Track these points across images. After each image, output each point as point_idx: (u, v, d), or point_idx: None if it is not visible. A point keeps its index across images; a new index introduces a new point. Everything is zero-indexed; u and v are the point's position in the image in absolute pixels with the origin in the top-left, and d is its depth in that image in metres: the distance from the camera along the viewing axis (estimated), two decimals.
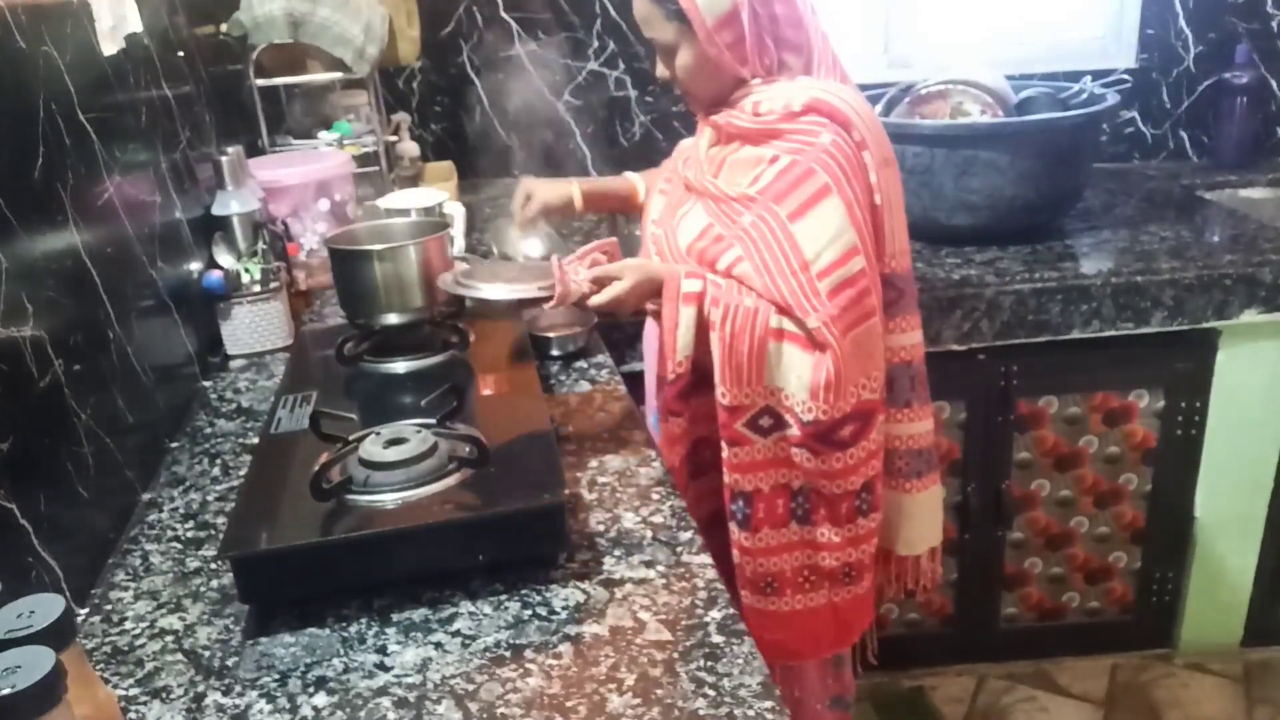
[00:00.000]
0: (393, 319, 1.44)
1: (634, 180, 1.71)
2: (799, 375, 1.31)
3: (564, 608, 1.00)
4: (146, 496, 1.26)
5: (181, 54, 1.69)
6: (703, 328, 1.33)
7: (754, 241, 1.30)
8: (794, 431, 1.35)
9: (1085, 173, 2.18)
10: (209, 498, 1.25)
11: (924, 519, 1.51)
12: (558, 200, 1.62)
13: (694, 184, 1.44)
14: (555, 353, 1.56)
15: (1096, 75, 2.36)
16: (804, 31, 1.35)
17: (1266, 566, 2.18)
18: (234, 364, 1.65)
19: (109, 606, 1.05)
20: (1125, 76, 2.60)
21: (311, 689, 0.91)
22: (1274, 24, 2.57)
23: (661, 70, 1.40)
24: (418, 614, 1.00)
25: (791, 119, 1.30)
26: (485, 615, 1.00)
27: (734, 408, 1.34)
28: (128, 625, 1.02)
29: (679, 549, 1.09)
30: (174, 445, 1.39)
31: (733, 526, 1.41)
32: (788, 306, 1.29)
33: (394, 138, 2.32)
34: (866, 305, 1.31)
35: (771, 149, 1.31)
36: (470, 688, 0.90)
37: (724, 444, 1.36)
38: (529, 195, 1.62)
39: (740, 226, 1.32)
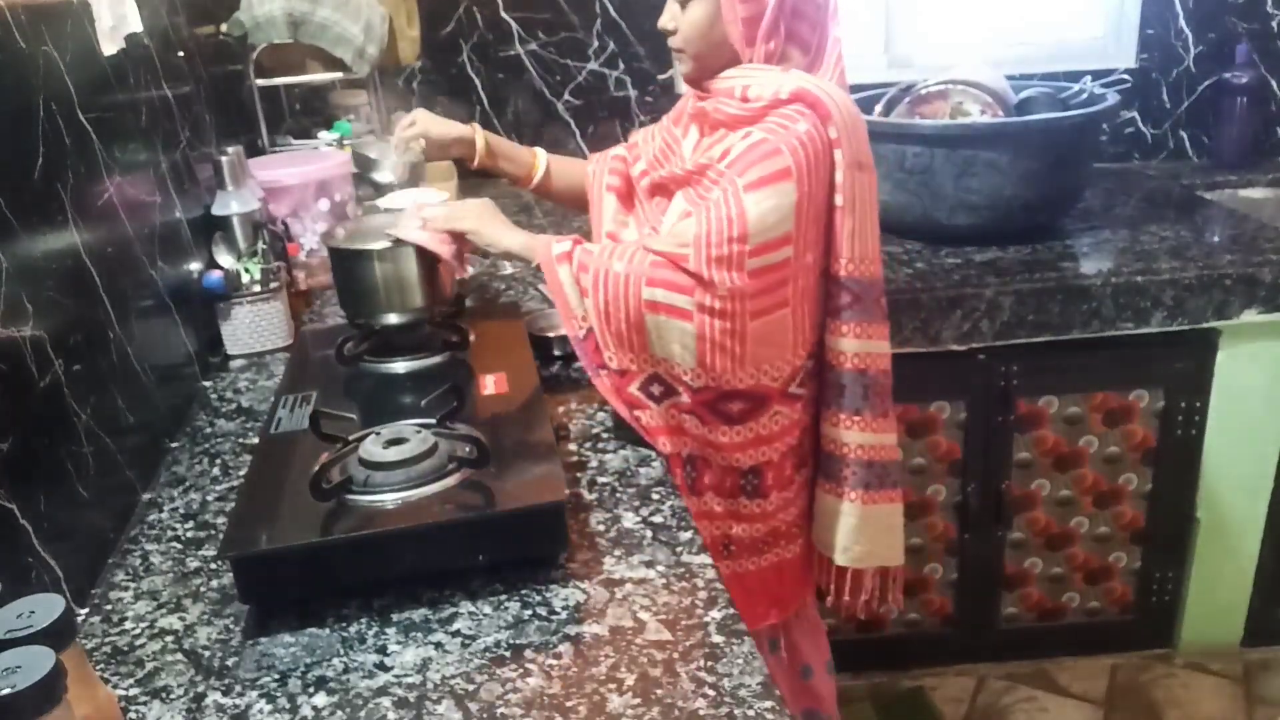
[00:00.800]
0: (393, 319, 1.44)
1: (539, 157, 1.66)
2: (683, 345, 1.29)
3: (564, 608, 1.00)
4: (146, 496, 1.26)
5: (181, 54, 1.69)
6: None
7: (707, 201, 1.28)
8: (684, 399, 1.33)
9: (1085, 173, 2.18)
10: (209, 498, 1.25)
11: (871, 533, 1.42)
12: (446, 135, 1.58)
13: (667, 179, 1.43)
14: (557, 353, 1.54)
15: (1096, 75, 2.36)
16: (818, 32, 1.34)
17: (1266, 566, 2.18)
18: (234, 364, 1.65)
19: (109, 606, 1.05)
20: (1125, 76, 2.60)
21: (311, 689, 0.91)
22: (1274, 24, 2.57)
23: (667, 18, 1.36)
24: (418, 614, 1.00)
25: (777, 106, 1.29)
26: (485, 615, 1.00)
27: (622, 372, 1.32)
28: (128, 625, 1.02)
29: (679, 549, 1.09)
30: (174, 445, 1.39)
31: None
32: (699, 270, 1.26)
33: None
34: (780, 295, 1.30)
35: (749, 129, 1.30)
36: (470, 688, 0.90)
37: (624, 407, 1.33)
38: (414, 120, 1.58)
39: (708, 200, 1.29)
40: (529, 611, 1.00)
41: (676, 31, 1.35)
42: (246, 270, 1.63)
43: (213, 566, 1.11)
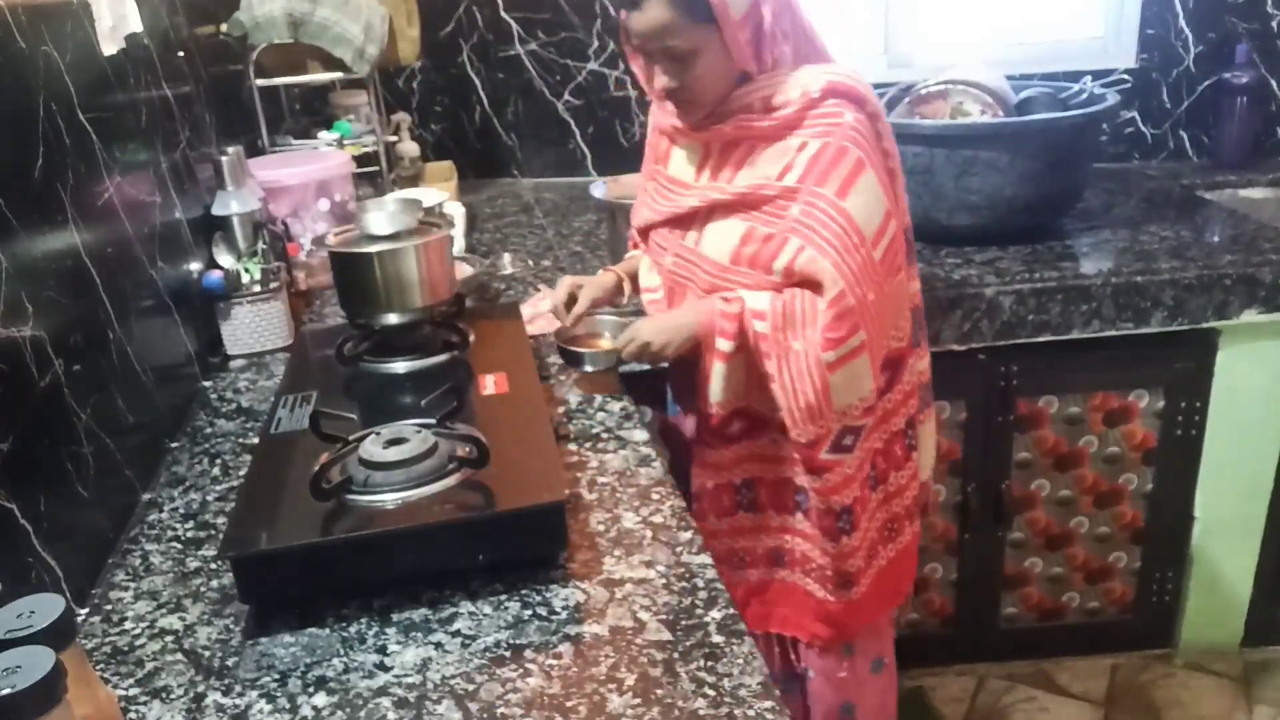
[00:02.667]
0: (393, 319, 1.44)
1: (625, 281, 1.60)
2: (864, 376, 1.32)
3: (564, 608, 1.00)
4: (146, 496, 1.26)
5: (181, 54, 1.69)
6: (735, 373, 1.35)
7: (810, 228, 1.28)
8: (868, 429, 1.39)
9: (1085, 173, 2.18)
10: (209, 498, 1.25)
11: (927, 448, 1.59)
12: (604, 293, 1.54)
13: (701, 207, 1.38)
14: (588, 368, 1.49)
15: (1096, 75, 2.36)
16: (797, 21, 1.34)
17: (1266, 566, 2.18)
18: (234, 364, 1.65)
19: (109, 606, 1.05)
20: (1125, 76, 2.60)
21: (311, 689, 0.91)
22: (1274, 24, 2.57)
23: (665, 82, 1.30)
24: (418, 614, 1.00)
25: (813, 105, 1.28)
26: (485, 615, 1.00)
27: (813, 443, 1.35)
28: (128, 625, 1.02)
29: (679, 549, 1.09)
30: (174, 445, 1.39)
31: (835, 540, 1.42)
32: (853, 279, 1.28)
33: (394, 138, 2.32)
34: (897, 261, 1.37)
35: (797, 138, 1.29)
36: (470, 688, 0.90)
37: (809, 475, 1.38)
38: (573, 293, 1.50)
39: (790, 219, 1.29)
40: (529, 611, 1.00)
41: (677, 87, 1.30)
42: (246, 270, 1.63)
43: (213, 566, 1.11)
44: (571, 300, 1.49)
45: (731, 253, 1.34)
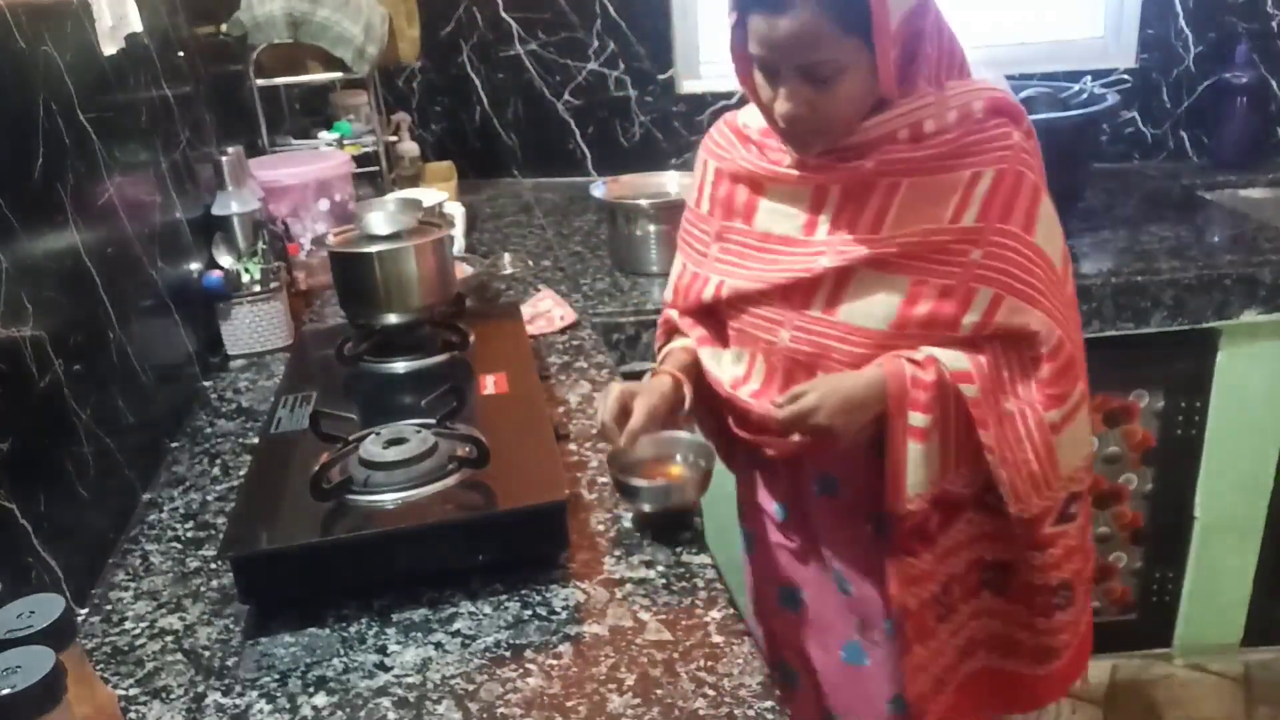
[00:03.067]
0: (393, 319, 1.44)
1: (684, 385, 1.23)
2: (1087, 441, 1.18)
3: (564, 608, 1.00)
4: (146, 496, 1.26)
5: (181, 54, 1.69)
6: (934, 453, 1.13)
7: (1003, 274, 1.08)
8: (1085, 493, 1.22)
9: (1085, 173, 2.17)
10: (209, 498, 1.25)
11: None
12: (663, 401, 1.17)
13: (845, 257, 1.11)
14: (646, 507, 1.15)
15: (1096, 75, 2.36)
16: (946, 28, 1.12)
17: (1266, 566, 2.18)
18: (234, 364, 1.65)
19: (109, 606, 1.05)
20: (1125, 76, 2.60)
21: (311, 689, 0.91)
22: (1274, 24, 2.56)
23: (793, 109, 1.05)
24: (418, 614, 1.00)
25: (979, 128, 1.09)
26: (485, 615, 1.00)
27: (1037, 517, 1.16)
28: (128, 625, 1.02)
29: (679, 549, 1.09)
30: (174, 445, 1.39)
31: (1053, 616, 1.23)
32: (1065, 325, 1.12)
33: (394, 138, 2.32)
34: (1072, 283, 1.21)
35: (966, 169, 1.07)
36: (470, 688, 0.90)
37: (1032, 552, 1.18)
38: (624, 405, 1.14)
39: (972, 266, 1.07)
40: (529, 611, 1.00)
41: (808, 114, 1.06)
42: (246, 270, 1.63)
43: (213, 566, 1.10)
44: (624, 414, 1.13)
45: (896, 317, 1.10)
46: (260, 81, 2.07)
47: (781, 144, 1.14)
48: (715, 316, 1.27)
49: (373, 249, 1.41)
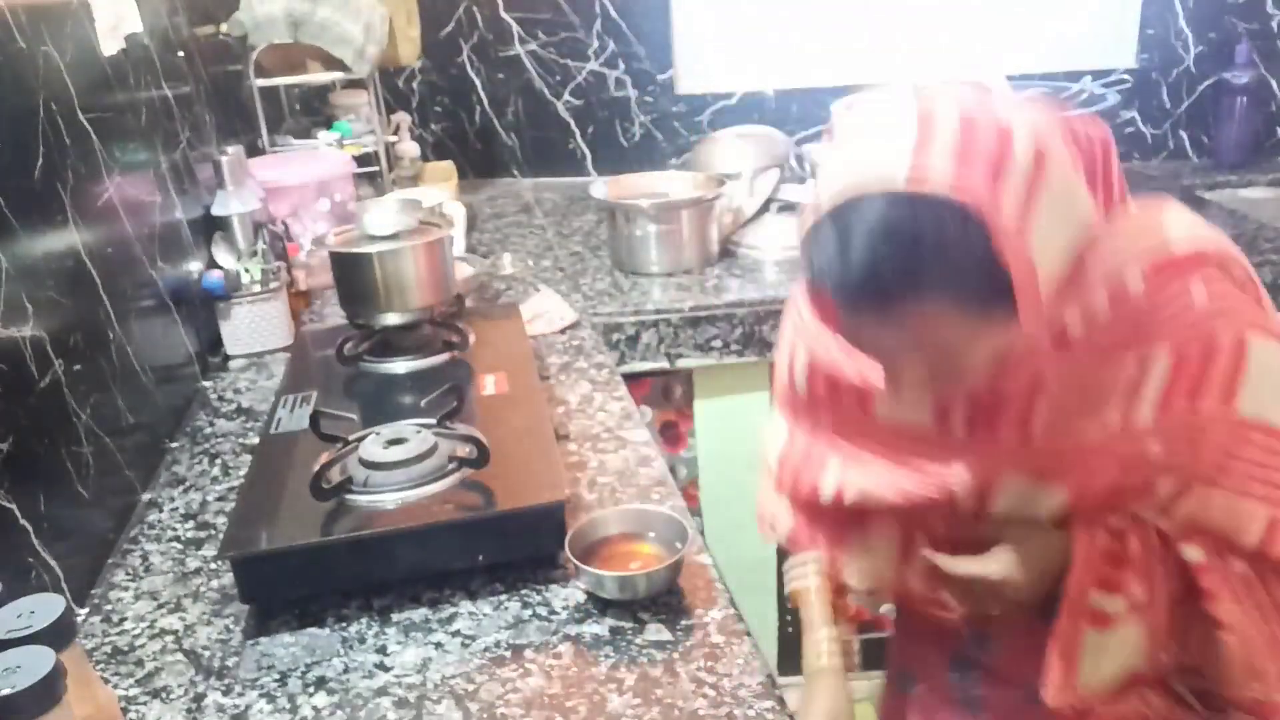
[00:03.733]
0: (393, 319, 1.44)
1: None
2: None
3: (564, 608, 1.00)
4: (146, 496, 1.26)
5: (181, 54, 1.69)
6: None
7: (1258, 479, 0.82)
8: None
9: None
10: (209, 498, 1.25)
11: None
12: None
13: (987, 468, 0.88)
14: (612, 596, 1.02)
15: (1096, 75, 2.36)
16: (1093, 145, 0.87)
17: None
18: (234, 364, 1.65)
19: (109, 606, 1.05)
20: (1125, 76, 2.60)
21: (311, 689, 0.91)
22: (1274, 24, 2.56)
23: (916, 396, 0.84)
24: (418, 614, 1.00)
25: (1146, 302, 0.82)
26: (485, 615, 1.00)
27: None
28: (128, 625, 1.02)
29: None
30: (174, 445, 1.39)
31: None
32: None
33: (394, 138, 2.32)
34: None
35: (1129, 354, 0.82)
36: (470, 688, 0.90)
37: None
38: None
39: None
40: (529, 611, 1.00)
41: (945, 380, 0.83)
42: (246, 270, 1.63)
43: (213, 566, 1.10)
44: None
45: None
46: (260, 81, 2.07)
47: None
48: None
49: (373, 249, 1.41)
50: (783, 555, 1.15)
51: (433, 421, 1.15)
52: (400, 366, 1.41)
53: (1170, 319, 0.81)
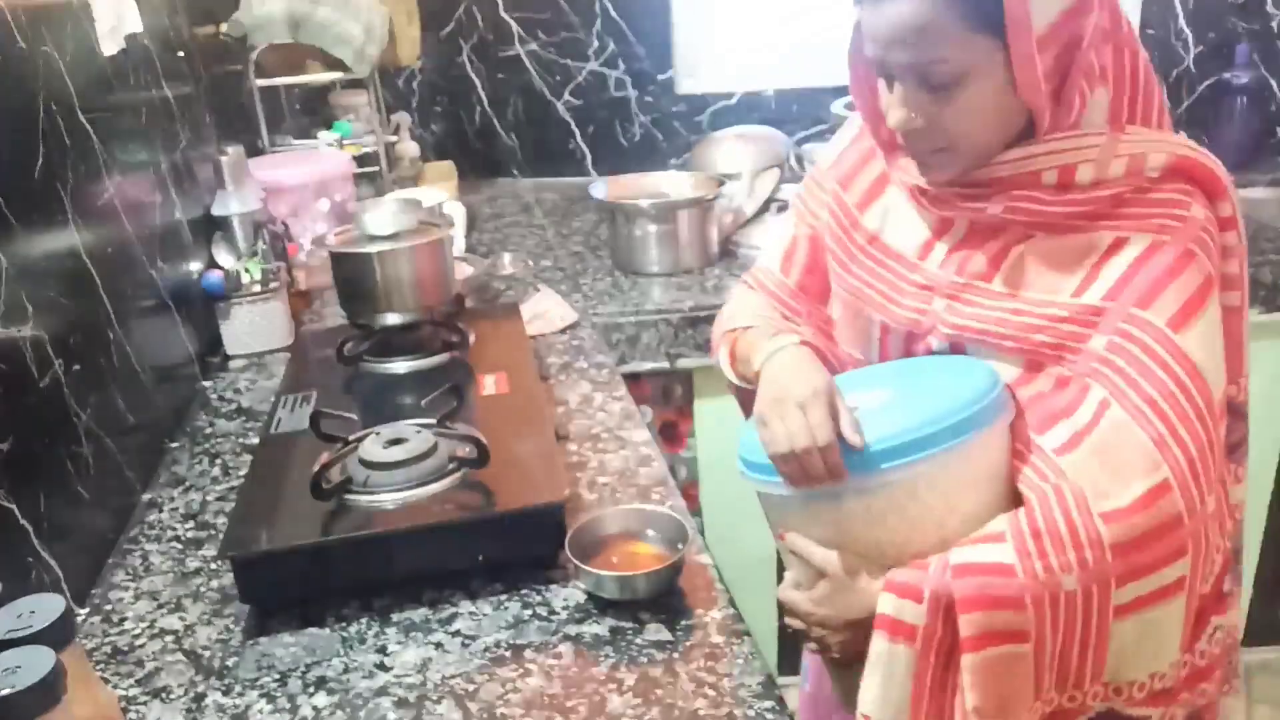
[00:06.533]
0: (393, 319, 1.44)
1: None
2: (1167, 645, 0.85)
3: (564, 608, 1.00)
4: (146, 496, 1.26)
5: (181, 54, 1.69)
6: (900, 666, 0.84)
7: (1122, 373, 0.82)
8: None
9: None
10: (209, 498, 1.25)
11: None
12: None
13: (965, 320, 0.90)
14: (611, 596, 1.01)
15: None
16: (1127, 49, 0.86)
17: (1266, 566, 2.18)
18: (234, 364, 1.65)
19: (109, 606, 1.05)
20: None
21: (311, 689, 0.91)
22: (1274, 24, 2.56)
23: (904, 117, 0.85)
24: (418, 614, 1.00)
25: (1146, 187, 0.84)
26: (485, 615, 1.00)
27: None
28: (128, 625, 1.02)
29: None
30: (174, 445, 1.39)
31: None
32: (1185, 469, 0.81)
33: (394, 138, 2.32)
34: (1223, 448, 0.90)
35: (1110, 232, 0.84)
36: (470, 688, 0.90)
37: None
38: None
39: (1091, 355, 0.84)
40: (529, 611, 1.00)
41: (926, 126, 0.85)
42: (246, 270, 1.63)
43: (213, 566, 1.10)
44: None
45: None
46: (260, 81, 2.07)
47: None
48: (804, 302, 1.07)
49: (373, 249, 1.41)
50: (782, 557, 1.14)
51: (433, 421, 1.15)
52: (400, 366, 1.41)
53: (1161, 216, 0.84)
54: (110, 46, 1.34)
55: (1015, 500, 0.88)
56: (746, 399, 1.01)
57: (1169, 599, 0.82)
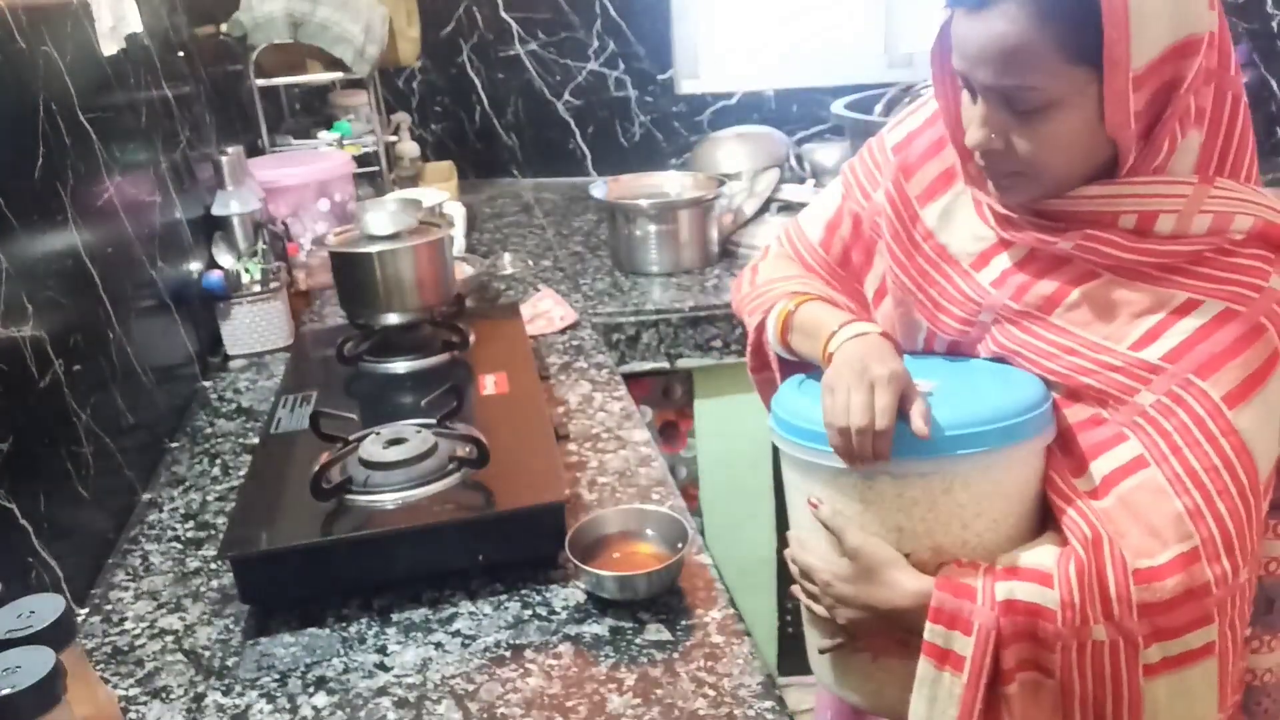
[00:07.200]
0: (393, 319, 1.44)
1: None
2: (1200, 708, 0.84)
3: (564, 608, 1.00)
4: (146, 496, 1.26)
5: (181, 54, 1.69)
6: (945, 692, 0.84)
7: (1166, 437, 0.81)
8: None
9: None
10: (209, 498, 1.25)
11: None
12: None
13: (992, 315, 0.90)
14: (613, 597, 1.01)
15: None
16: (1228, 97, 0.83)
17: None
18: (234, 364, 1.65)
19: (109, 606, 1.05)
20: None
21: (311, 689, 0.91)
22: (1274, 24, 2.56)
23: (984, 138, 0.83)
24: (418, 614, 1.00)
25: (1228, 249, 0.81)
26: (485, 615, 1.00)
27: None
28: (128, 625, 1.02)
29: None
30: (174, 445, 1.39)
31: None
32: (1218, 542, 0.80)
33: (394, 138, 2.32)
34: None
35: (1181, 289, 0.82)
36: (470, 688, 0.90)
37: None
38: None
39: (1134, 408, 0.82)
40: (529, 611, 1.00)
41: (1005, 149, 0.82)
42: (246, 270, 1.63)
43: (213, 566, 1.10)
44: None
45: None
46: (260, 81, 2.07)
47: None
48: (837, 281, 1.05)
49: (373, 249, 1.41)
50: (782, 557, 1.14)
51: (433, 421, 1.15)
52: (400, 366, 1.41)
53: (1238, 284, 0.81)
54: (110, 46, 1.34)
55: (1036, 517, 0.89)
56: (786, 370, 1.02)
57: (1197, 662, 0.82)
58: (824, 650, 0.95)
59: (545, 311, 1.74)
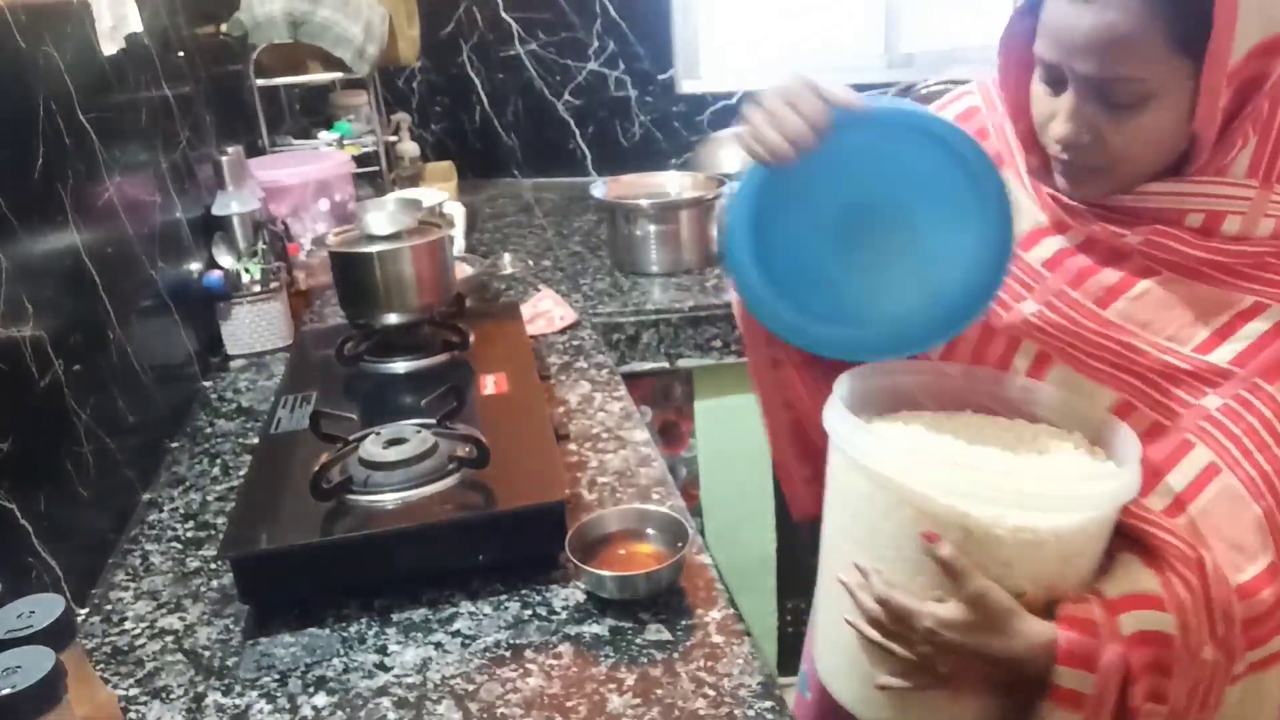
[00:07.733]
0: (393, 319, 1.44)
1: None
2: (1269, 710, 0.87)
3: (564, 608, 1.00)
4: (146, 496, 1.26)
5: (181, 54, 1.69)
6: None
7: (1236, 441, 0.80)
8: None
9: None
10: (209, 498, 1.25)
11: None
12: None
13: (1057, 337, 0.87)
14: (612, 596, 1.01)
15: None
16: (1278, 106, 0.81)
17: None
18: (234, 364, 1.65)
19: (109, 606, 1.05)
20: None
21: (311, 689, 0.91)
22: None
23: (1071, 132, 0.81)
24: (418, 614, 1.00)
25: None
26: (485, 615, 1.00)
27: None
28: (128, 625, 1.02)
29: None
30: (174, 445, 1.39)
31: None
32: None
33: (394, 138, 2.32)
34: None
35: (1251, 294, 0.81)
36: (470, 688, 0.90)
37: None
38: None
39: (1199, 411, 0.81)
40: (529, 611, 1.00)
41: (1091, 143, 0.80)
42: (246, 270, 1.63)
43: (213, 566, 1.11)
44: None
45: None
46: (260, 81, 2.07)
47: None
48: None
49: (373, 249, 1.41)
50: (782, 557, 1.14)
51: (433, 421, 1.15)
52: (400, 366, 1.41)
53: None
54: (110, 46, 1.34)
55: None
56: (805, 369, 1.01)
57: (1272, 666, 0.83)
58: (896, 687, 0.84)
59: (545, 311, 1.74)
